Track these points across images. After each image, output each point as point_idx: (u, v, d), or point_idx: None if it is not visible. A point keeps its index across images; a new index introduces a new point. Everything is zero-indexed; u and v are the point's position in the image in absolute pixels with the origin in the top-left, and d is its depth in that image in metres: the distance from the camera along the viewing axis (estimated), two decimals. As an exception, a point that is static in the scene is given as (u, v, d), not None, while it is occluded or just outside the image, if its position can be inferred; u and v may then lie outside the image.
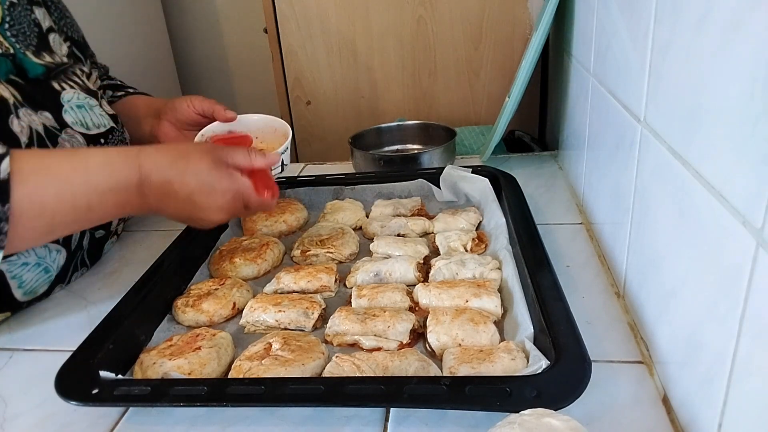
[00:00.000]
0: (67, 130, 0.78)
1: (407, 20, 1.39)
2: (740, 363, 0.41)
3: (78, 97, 0.82)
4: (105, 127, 0.85)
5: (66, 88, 0.81)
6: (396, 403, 0.54)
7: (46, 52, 0.81)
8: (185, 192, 0.66)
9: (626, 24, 0.67)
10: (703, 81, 0.46)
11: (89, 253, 0.87)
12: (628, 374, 0.59)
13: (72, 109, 0.80)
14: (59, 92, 0.80)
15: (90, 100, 0.84)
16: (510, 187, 0.90)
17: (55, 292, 0.82)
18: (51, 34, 0.84)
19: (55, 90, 0.80)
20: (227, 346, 0.66)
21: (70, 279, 0.84)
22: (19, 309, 0.78)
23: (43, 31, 0.82)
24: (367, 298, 0.71)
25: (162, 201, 0.67)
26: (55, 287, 0.82)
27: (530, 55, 1.00)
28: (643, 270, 0.63)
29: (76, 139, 0.79)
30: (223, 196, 0.68)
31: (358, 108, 1.49)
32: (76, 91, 0.82)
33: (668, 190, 0.54)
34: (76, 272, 0.85)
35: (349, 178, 1.02)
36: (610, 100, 0.74)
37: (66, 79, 0.82)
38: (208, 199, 0.67)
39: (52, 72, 0.80)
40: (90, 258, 0.88)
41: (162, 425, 0.58)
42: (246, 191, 0.70)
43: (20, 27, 0.79)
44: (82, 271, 0.87)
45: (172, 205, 0.67)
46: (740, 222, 0.39)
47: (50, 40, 0.83)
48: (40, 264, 0.77)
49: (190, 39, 2.19)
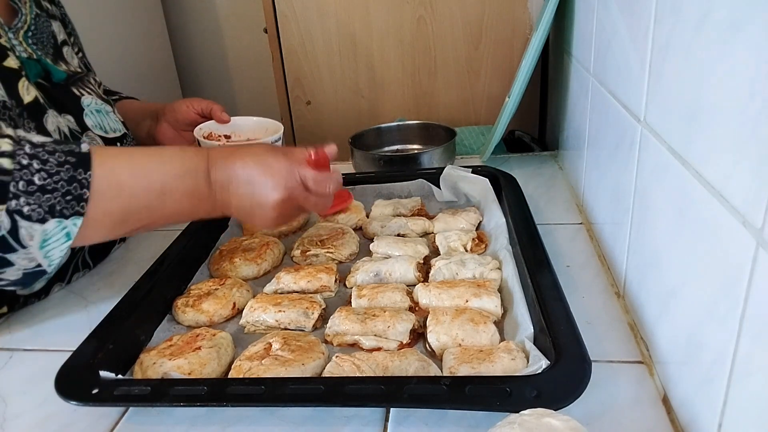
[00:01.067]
0: (88, 133, 0.82)
1: (407, 20, 1.39)
2: (740, 363, 0.41)
3: (96, 102, 0.85)
4: (119, 132, 0.88)
5: (84, 93, 0.84)
6: (396, 403, 0.54)
7: (62, 62, 0.84)
8: (244, 174, 0.66)
9: (626, 24, 0.67)
10: (703, 81, 0.46)
11: (92, 255, 0.88)
12: (628, 374, 0.59)
13: (92, 113, 0.84)
14: (79, 97, 0.83)
15: (106, 106, 0.87)
16: (510, 187, 0.90)
17: (54, 290, 0.82)
18: (65, 47, 0.87)
19: (76, 95, 0.83)
20: (227, 346, 0.66)
21: (71, 279, 0.85)
22: (17, 304, 0.78)
23: (58, 43, 0.86)
24: (367, 298, 0.71)
25: (225, 189, 0.66)
26: (54, 285, 0.82)
27: (530, 55, 1.00)
28: (643, 270, 0.63)
29: (96, 142, 0.82)
30: (278, 172, 0.67)
31: (358, 108, 1.49)
32: (94, 97, 0.86)
33: (668, 190, 0.54)
34: (77, 272, 0.85)
35: (349, 178, 1.02)
36: (610, 100, 0.74)
37: (83, 86, 0.85)
38: (264, 177, 0.66)
39: (71, 78, 0.84)
40: (93, 260, 0.88)
41: (162, 425, 0.58)
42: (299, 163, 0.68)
43: (41, 36, 0.82)
44: (84, 272, 0.87)
45: (233, 191, 0.67)
46: (740, 222, 0.39)
47: (64, 52, 0.86)
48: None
49: (190, 39, 2.19)
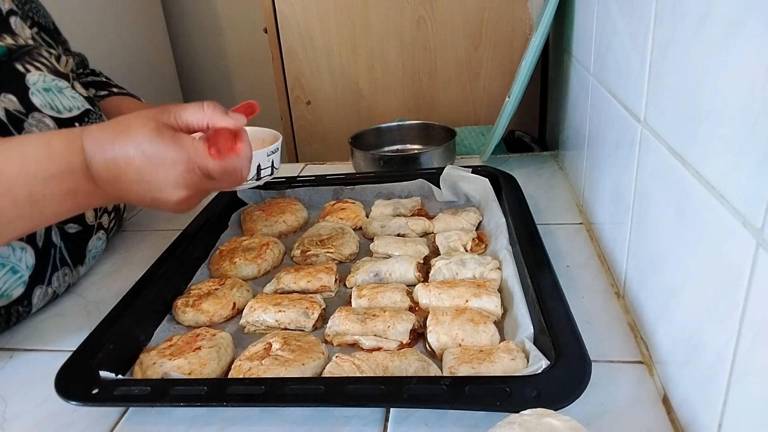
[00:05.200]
0: (34, 114, 0.73)
1: (407, 20, 1.39)
2: (740, 363, 0.41)
3: (44, 79, 0.76)
4: (79, 109, 0.79)
5: (31, 70, 0.76)
6: (396, 403, 0.54)
7: (6, 34, 0.77)
8: (133, 172, 0.56)
9: (626, 24, 0.67)
10: (703, 81, 0.46)
11: (69, 252, 0.80)
12: (628, 374, 0.59)
13: (39, 92, 0.75)
14: (23, 74, 0.75)
15: (59, 82, 0.78)
16: (510, 187, 0.90)
17: (36, 294, 0.76)
18: (12, 17, 0.79)
19: (19, 72, 0.74)
20: (227, 346, 0.65)
21: (51, 279, 0.77)
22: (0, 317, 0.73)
23: (3, 14, 0.78)
24: (367, 298, 0.71)
25: (115, 185, 0.57)
26: (35, 289, 0.75)
27: (530, 55, 1.00)
28: (643, 270, 0.63)
29: (45, 123, 0.73)
30: (174, 168, 0.57)
31: (358, 108, 1.49)
32: (43, 73, 0.77)
33: (668, 190, 0.54)
34: (56, 272, 0.78)
35: (349, 178, 1.02)
36: (610, 100, 0.74)
37: (31, 61, 0.77)
38: (158, 176, 0.57)
39: (15, 53, 0.75)
40: (72, 257, 0.81)
41: (162, 425, 0.58)
42: (199, 158, 0.57)
43: None
44: (64, 271, 0.79)
45: (125, 188, 0.58)
46: (740, 222, 0.39)
47: (11, 23, 0.79)
48: (4, 264, 0.71)
49: (190, 39, 2.19)
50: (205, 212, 0.94)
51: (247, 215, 0.95)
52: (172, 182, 0.57)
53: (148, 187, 0.57)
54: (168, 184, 0.57)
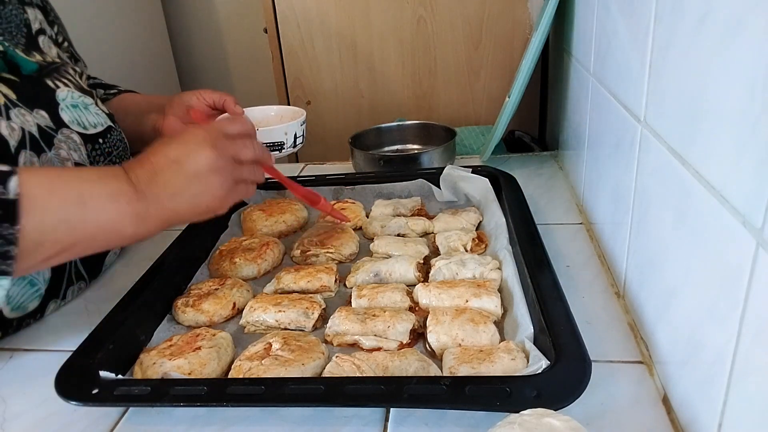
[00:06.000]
0: (63, 130, 0.76)
1: (407, 20, 1.39)
2: (740, 363, 0.41)
3: (72, 96, 0.79)
4: (102, 126, 0.83)
5: (60, 86, 0.79)
6: (396, 403, 0.54)
7: (36, 51, 0.79)
8: (164, 158, 0.62)
9: (626, 24, 0.67)
10: (703, 81, 0.46)
11: (86, 266, 0.82)
12: (628, 374, 0.59)
13: (68, 108, 0.78)
14: (54, 90, 0.77)
15: (85, 99, 0.81)
16: (510, 187, 0.90)
17: (50, 308, 0.77)
18: (40, 36, 0.82)
19: (50, 88, 0.77)
20: (227, 346, 0.65)
21: (66, 294, 0.79)
22: (10, 327, 0.73)
23: (32, 33, 0.81)
24: (367, 298, 0.71)
25: (153, 181, 0.61)
26: (49, 303, 0.77)
27: (530, 55, 1.00)
28: (643, 270, 0.63)
29: (72, 139, 0.77)
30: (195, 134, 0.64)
31: (358, 108, 1.49)
32: (70, 89, 0.80)
33: (668, 190, 0.54)
34: (71, 286, 0.80)
35: (349, 178, 1.02)
36: (610, 100, 0.74)
37: (59, 77, 0.80)
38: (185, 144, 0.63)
39: (44, 70, 0.78)
40: (88, 272, 0.83)
41: (162, 425, 0.58)
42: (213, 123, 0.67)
43: (8, 26, 0.77)
44: (79, 285, 0.81)
45: (161, 183, 0.61)
46: (740, 222, 0.39)
47: (39, 42, 0.82)
48: (24, 277, 0.72)
49: (190, 39, 2.19)
50: (205, 212, 0.94)
51: (247, 215, 0.95)
52: (195, 144, 0.63)
53: (179, 167, 0.62)
54: (193, 148, 0.63)
